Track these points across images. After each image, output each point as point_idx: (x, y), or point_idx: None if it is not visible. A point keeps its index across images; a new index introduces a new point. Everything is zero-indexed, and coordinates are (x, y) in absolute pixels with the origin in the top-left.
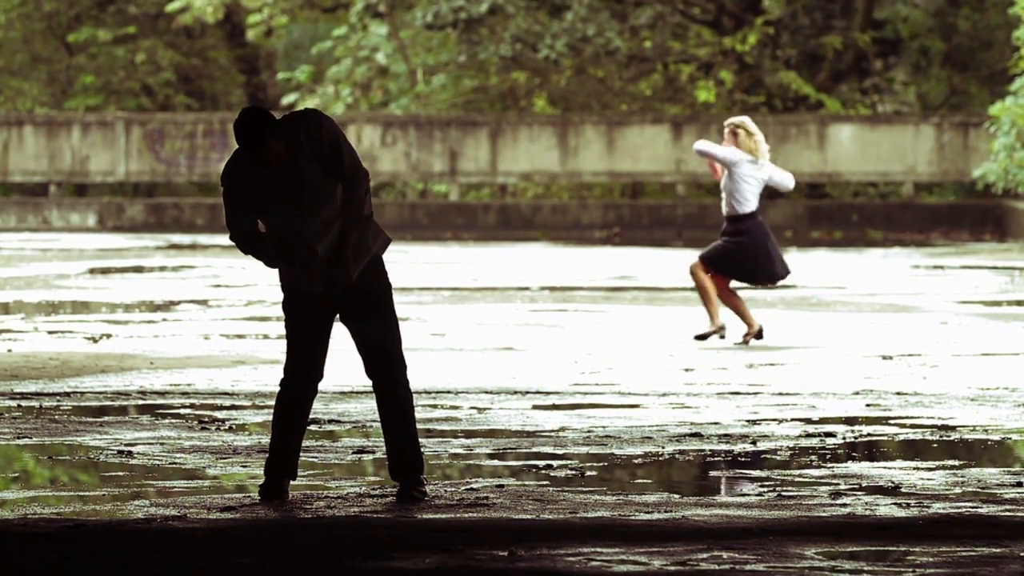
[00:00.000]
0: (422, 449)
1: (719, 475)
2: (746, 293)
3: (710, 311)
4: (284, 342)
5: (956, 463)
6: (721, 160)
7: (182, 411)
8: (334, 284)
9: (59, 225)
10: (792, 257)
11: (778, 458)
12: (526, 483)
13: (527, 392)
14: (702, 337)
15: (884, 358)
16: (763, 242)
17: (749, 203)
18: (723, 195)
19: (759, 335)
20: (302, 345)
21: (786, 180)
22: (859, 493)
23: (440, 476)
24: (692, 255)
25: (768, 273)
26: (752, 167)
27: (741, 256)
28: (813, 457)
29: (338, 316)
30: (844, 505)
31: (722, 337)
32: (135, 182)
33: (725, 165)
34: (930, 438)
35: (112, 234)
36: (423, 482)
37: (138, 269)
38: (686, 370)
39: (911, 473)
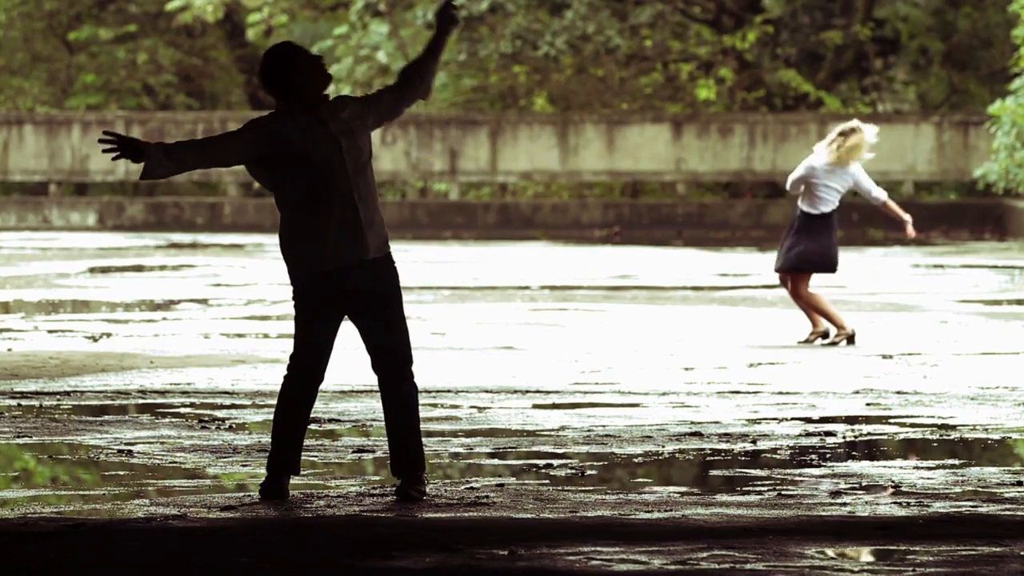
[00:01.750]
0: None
1: (719, 474)
2: (747, 292)
3: (834, 319)
4: (284, 341)
5: (956, 462)
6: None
7: (182, 410)
8: (367, 247)
9: (59, 224)
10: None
11: (778, 457)
12: (526, 482)
13: (527, 391)
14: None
15: (884, 357)
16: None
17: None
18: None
19: (825, 335)
20: (311, 339)
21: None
22: (859, 492)
23: (440, 475)
24: (692, 254)
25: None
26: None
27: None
28: (813, 456)
29: (347, 316)
30: (844, 504)
31: (851, 342)
32: (135, 181)
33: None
34: (930, 437)
35: (112, 233)
36: (423, 480)
37: (138, 268)
38: (686, 369)
39: (911, 472)
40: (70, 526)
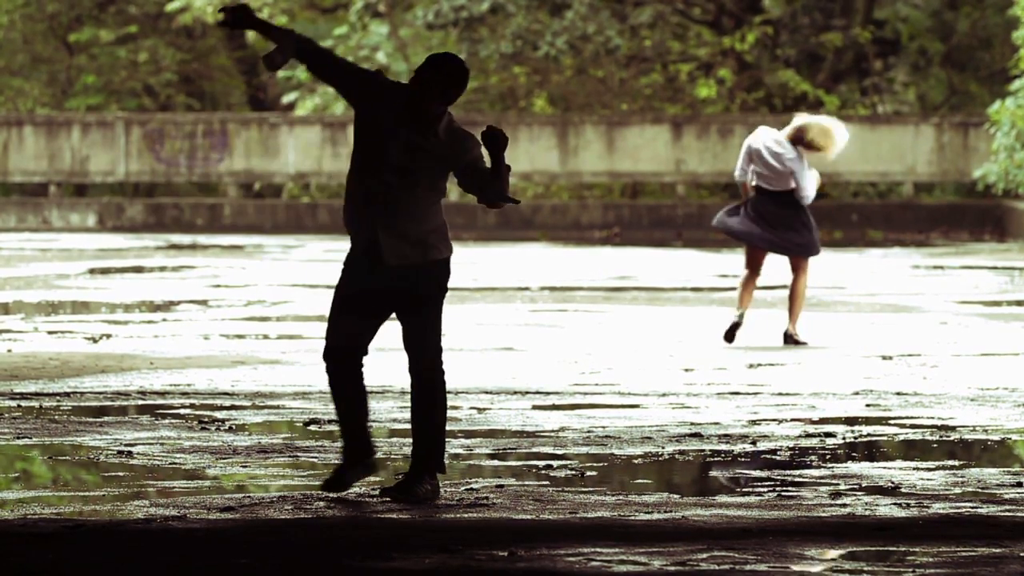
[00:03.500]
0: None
1: (719, 475)
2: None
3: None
4: (284, 342)
5: (956, 463)
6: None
7: (182, 411)
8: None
9: (59, 225)
10: None
11: (778, 458)
12: (526, 483)
13: (527, 392)
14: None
15: (884, 358)
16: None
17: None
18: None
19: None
20: (341, 318)
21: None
22: (859, 493)
23: (440, 476)
24: (692, 255)
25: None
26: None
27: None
28: (813, 457)
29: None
30: (844, 505)
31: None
32: (135, 182)
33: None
34: (930, 438)
35: (112, 234)
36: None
37: (138, 269)
38: (686, 370)
39: (911, 473)
40: (70, 527)
